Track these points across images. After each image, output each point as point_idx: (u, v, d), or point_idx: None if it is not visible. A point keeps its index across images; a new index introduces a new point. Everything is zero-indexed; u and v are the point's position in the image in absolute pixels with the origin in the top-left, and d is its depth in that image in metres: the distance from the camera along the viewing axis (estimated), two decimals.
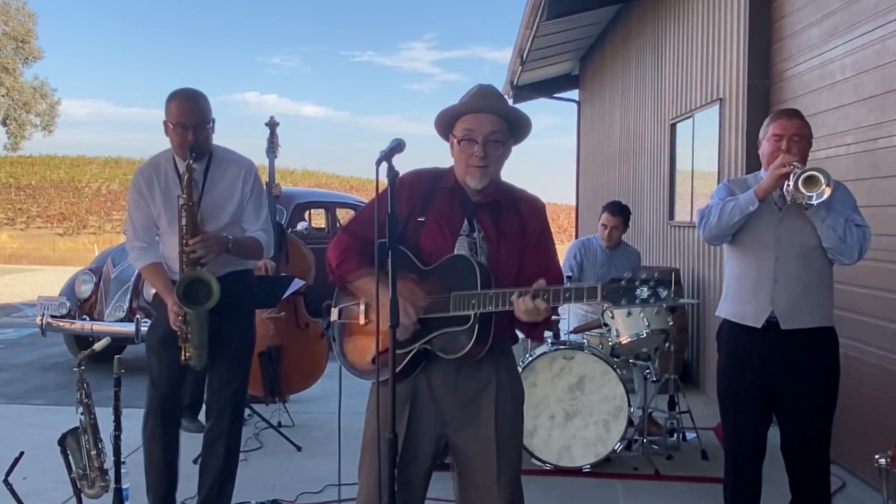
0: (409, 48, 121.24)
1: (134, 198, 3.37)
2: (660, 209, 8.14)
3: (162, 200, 3.31)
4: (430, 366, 2.36)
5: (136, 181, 3.37)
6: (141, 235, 3.36)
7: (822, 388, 3.04)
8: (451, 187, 2.41)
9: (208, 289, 3.13)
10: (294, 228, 8.15)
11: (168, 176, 3.32)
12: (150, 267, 3.35)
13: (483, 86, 2.40)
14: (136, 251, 3.37)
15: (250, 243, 3.35)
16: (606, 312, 4.74)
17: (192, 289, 3.14)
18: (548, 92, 14.63)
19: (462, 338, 2.26)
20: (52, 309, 6.99)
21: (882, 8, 4.13)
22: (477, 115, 2.33)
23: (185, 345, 3.24)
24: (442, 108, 2.40)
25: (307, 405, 5.77)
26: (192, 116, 3.20)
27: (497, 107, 2.35)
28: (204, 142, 3.26)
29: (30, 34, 38.87)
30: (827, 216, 2.90)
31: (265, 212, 3.46)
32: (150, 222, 3.36)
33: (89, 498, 3.22)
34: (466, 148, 2.33)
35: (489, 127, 2.32)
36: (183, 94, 3.25)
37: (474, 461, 2.39)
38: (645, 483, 4.34)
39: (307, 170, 45.60)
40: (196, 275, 3.14)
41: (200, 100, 3.26)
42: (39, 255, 24.75)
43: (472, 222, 2.38)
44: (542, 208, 2.51)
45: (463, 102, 2.37)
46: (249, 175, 3.38)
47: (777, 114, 3.11)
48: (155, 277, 3.34)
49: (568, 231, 29.07)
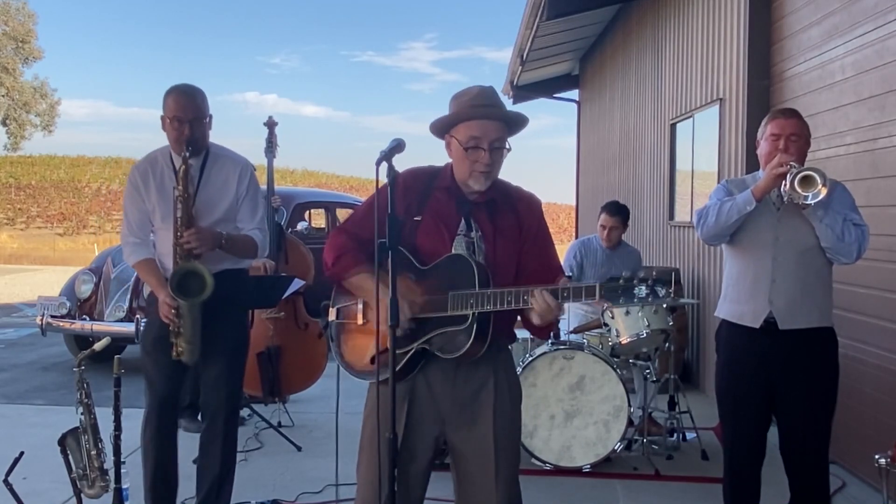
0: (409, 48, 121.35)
1: (129, 193, 3.36)
2: (660, 209, 8.14)
3: (157, 196, 3.30)
4: (428, 365, 2.36)
5: (132, 176, 3.36)
6: (135, 231, 3.35)
7: (821, 389, 3.04)
8: (448, 186, 2.41)
9: (202, 281, 3.12)
10: (294, 228, 8.15)
11: (164, 171, 3.31)
12: (143, 262, 3.33)
13: (484, 88, 2.38)
14: (130, 246, 3.35)
15: (244, 241, 3.33)
16: (606, 312, 4.74)
17: (186, 281, 3.12)
18: (548, 92, 14.64)
19: (460, 337, 2.26)
20: (52, 309, 6.99)
21: (882, 8, 4.13)
22: (482, 122, 2.32)
23: (176, 339, 3.22)
24: (442, 107, 2.41)
25: (307, 405, 5.77)
26: (188, 111, 3.21)
27: (502, 114, 2.36)
28: (200, 137, 3.26)
29: (30, 34, 38.88)
30: (825, 216, 2.89)
31: (261, 211, 3.45)
32: (145, 218, 3.35)
33: (89, 498, 3.22)
34: (472, 154, 2.33)
35: (494, 134, 2.33)
36: (180, 89, 3.25)
37: (472, 460, 2.39)
38: (645, 483, 4.34)
39: (307, 170, 45.64)
40: (190, 267, 3.13)
41: (197, 95, 3.27)
42: (39, 255, 24.76)
43: (470, 221, 2.39)
44: (538, 205, 2.51)
45: (467, 108, 2.34)
46: (245, 174, 3.38)
47: (775, 113, 3.10)
48: (147, 273, 3.33)
49: (568, 231, 29.07)
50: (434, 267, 2.33)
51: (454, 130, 2.36)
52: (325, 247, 2.47)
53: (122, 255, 3.52)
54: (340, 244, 2.43)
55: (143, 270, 3.36)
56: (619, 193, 9.34)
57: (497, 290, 2.22)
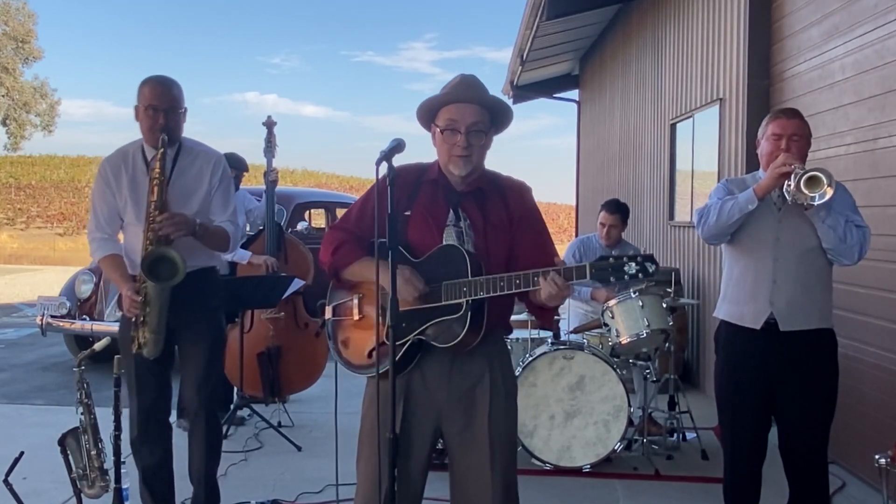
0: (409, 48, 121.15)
1: (100, 187, 3.28)
2: (660, 209, 8.14)
3: (129, 190, 3.25)
4: (423, 359, 2.38)
5: (103, 170, 3.28)
6: (103, 227, 3.28)
7: (821, 390, 3.04)
8: (435, 179, 2.44)
9: (173, 266, 3.06)
10: (294, 228, 8.15)
11: (136, 165, 3.26)
12: (109, 258, 3.26)
13: (465, 76, 2.42)
14: (97, 242, 3.27)
15: (217, 231, 3.30)
16: (606, 312, 4.73)
17: (157, 266, 3.06)
18: (548, 92, 14.65)
19: (456, 326, 2.29)
20: (52, 309, 6.99)
21: (882, 8, 4.13)
22: (459, 105, 2.35)
23: (141, 330, 3.14)
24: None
25: (307, 405, 5.77)
26: (164, 100, 3.19)
27: (479, 97, 2.37)
28: (174, 127, 3.23)
29: (30, 34, 38.85)
30: (827, 217, 2.88)
31: (233, 204, 3.43)
32: (114, 213, 3.29)
33: (89, 498, 3.22)
34: (449, 137, 2.36)
35: (472, 118, 2.35)
36: (156, 79, 3.24)
37: (469, 454, 2.41)
38: (645, 483, 4.34)
39: (307, 170, 45.59)
40: (163, 251, 3.07)
41: (173, 86, 3.26)
42: (39, 255, 24.75)
43: (458, 211, 2.41)
44: (528, 191, 2.53)
45: (445, 92, 2.39)
46: (218, 167, 3.36)
47: (776, 113, 3.10)
48: (112, 268, 3.26)
49: (568, 231, 29.06)
50: (427, 258, 2.36)
51: (437, 118, 2.39)
52: (322, 244, 2.49)
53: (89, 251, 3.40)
54: (337, 238, 2.46)
55: (108, 266, 3.28)
56: (619, 193, 9.34)
57: (490, 277, 2.25)
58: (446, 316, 2.30)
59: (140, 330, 3.15)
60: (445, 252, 2.34)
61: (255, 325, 5.39)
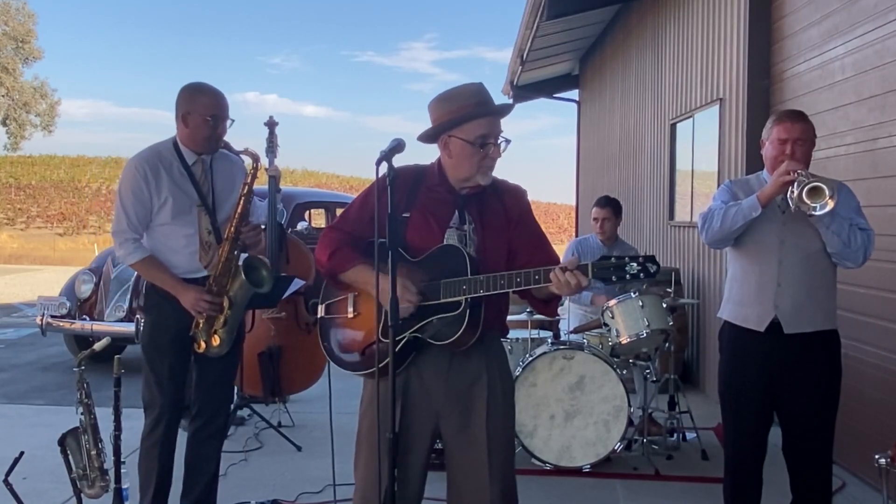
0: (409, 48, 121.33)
1: (136, 186, 3.16)
2: (660, 209, 8.14)
3: (171, 190, 3.19)
4: (421, 358, 2.38)
5: (141, 169, 3.16)
6: (136, 226, 3.19)
7: (825, 391, 3.03)
8: (437, 182, 2.45)
9: (260, 273, 3.26)
10: (294, 228, 8.15)
11: (175, 167, 3.22)
12: (149, 260, 3.19)
13: (479, 86, 2.42)
14: (130, 244, 3.18)
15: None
16: (606, 312, 4.73)
17: (250, 272, 3.23)
18: (548, 92, 14.64)
19: (453, 324, 2.29)
20: (52, 309, 6.99)
21: (882, 8, 4.13)
22: (490, 119, 2.39)
23: (214, 331, 3.20)
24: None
25: (307, 405, 5.76)
26: (224, 110, 3.24)
27: (501, 109, 2.44)
28: (223, 135, 3.29)
29: (30, 34, 38.83)
30: (832, 222, 2.87)
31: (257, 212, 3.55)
32: (147, 214, 3.21)
33: (89, 498, 3.21)
34: (481, 150, 2.37)
35: (499, 128, 2.42)
36: (212, 89, 3.25)
37: (466, 453, 2.41)
38: (645, 483, 4.34)
39: (307, 170, 45.63)
40: (255, 261, 3.26)
41: (224, 96, 3.30)
42: (39, 255, 24.76)
43: (463, 214, 2.42)
44: (523, 195, 2.57)
45: (472, 107, 2.36)
46: (245, 172, 3.40)
47: (781, 116, 3.07)
48: (159, 270, 3.20)
49: (568, 231, 29.08)
50: (426, 258, 2.36)
51: (456, 131, 2.38)
52: (318, 245, 2.49)
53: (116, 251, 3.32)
54: (334, 240, 2.46)
55: (150, 268, 3.21)
56: (619, 193, 9.33)
57: (489, 275, 2.26)
58: (444, 313, 2.30)
59: (216, 331, 3.22)
60: (445, 252, 2.34)
61: (255, 325, 5.38)
